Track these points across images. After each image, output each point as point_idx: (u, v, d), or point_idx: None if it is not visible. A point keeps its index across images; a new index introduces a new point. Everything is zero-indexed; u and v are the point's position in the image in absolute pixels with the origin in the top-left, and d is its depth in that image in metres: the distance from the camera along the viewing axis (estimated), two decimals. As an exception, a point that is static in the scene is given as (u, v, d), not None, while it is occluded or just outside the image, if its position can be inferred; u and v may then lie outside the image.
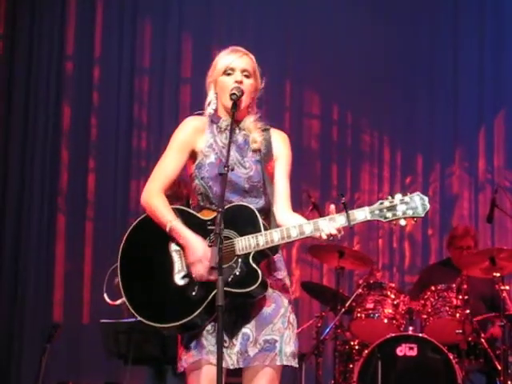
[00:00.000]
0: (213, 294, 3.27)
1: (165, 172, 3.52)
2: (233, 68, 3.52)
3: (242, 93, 3.47)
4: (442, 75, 8.28)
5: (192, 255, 3.33)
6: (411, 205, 3.29)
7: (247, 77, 3.53)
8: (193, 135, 3.52)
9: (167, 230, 3.39)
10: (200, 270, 3.31)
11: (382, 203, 3.29)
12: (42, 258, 7.77)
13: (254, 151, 3.52)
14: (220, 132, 3.54)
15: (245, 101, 3.51)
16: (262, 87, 3.61)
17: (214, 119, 3.55)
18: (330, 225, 3.28)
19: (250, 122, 3.56)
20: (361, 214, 3.28)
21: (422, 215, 3.29)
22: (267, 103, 8.18)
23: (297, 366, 3.48)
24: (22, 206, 7.83)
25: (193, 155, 3.53)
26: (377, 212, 3.28)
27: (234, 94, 3.45)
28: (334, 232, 3.28)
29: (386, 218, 3.28)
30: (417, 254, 8.10)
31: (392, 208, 3.28)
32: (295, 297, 7.67)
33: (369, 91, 8.13)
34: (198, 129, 3.54)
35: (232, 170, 3.35)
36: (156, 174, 3.53)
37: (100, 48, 8.11)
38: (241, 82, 3.50)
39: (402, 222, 3.30)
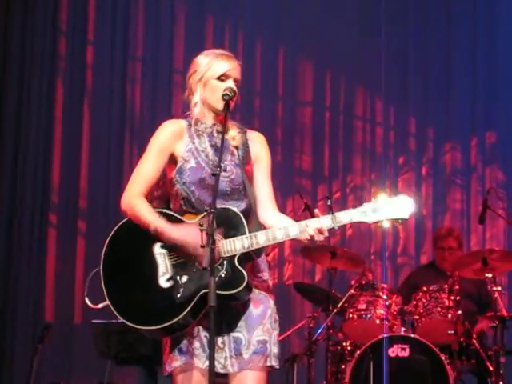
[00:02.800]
0: (199, 295, 3.28)
1: (144, 176, 3.50)
2: (228, 76, 3.53)
3: (235, 94, 3.49)
4: (436, 57, 8.31)
5: (191, 248, 3.32)
6: (396, 206, 3.31)
7: (236, 87, 3.55)
8: (171, 139, 3.52)
9: (151, 229, 3.38)
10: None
11: (367, 205, 3.33)
12: (33, 257, 7.74)
13: (233, 154, 3.53)
14: (198, 136, 3.54)
15: (232, 105, 3.51)
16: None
17: (193, 122, 3.55)
18: (316, 227, 3.30)
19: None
20: (346, 216, 3.33)
21: (407, 217, 3.32)
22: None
23: (278, 367, 3.48)
24: (14, 205, 7.79)
25: (172, 159, 3.53)
26: (362, 214, 3.32)
27: (227, 94, 3.46)
28: (320, 235, 3.31)
29: (370, 219, 3.31)
30: (410, 236, 8.11)
31: (377, 210, 3.31)
32: (287, 297, 7.68)
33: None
34: (176, 133, 3.54)
35: (224, 170, 3.37)
36: (135, 179, 3.51)
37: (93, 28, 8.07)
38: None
39: (386, 224, 3.33)
